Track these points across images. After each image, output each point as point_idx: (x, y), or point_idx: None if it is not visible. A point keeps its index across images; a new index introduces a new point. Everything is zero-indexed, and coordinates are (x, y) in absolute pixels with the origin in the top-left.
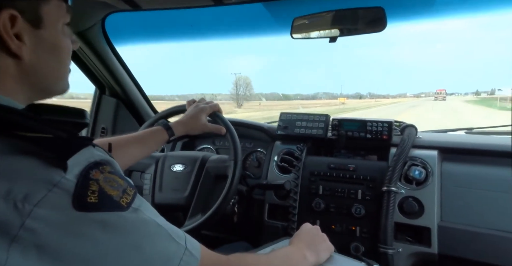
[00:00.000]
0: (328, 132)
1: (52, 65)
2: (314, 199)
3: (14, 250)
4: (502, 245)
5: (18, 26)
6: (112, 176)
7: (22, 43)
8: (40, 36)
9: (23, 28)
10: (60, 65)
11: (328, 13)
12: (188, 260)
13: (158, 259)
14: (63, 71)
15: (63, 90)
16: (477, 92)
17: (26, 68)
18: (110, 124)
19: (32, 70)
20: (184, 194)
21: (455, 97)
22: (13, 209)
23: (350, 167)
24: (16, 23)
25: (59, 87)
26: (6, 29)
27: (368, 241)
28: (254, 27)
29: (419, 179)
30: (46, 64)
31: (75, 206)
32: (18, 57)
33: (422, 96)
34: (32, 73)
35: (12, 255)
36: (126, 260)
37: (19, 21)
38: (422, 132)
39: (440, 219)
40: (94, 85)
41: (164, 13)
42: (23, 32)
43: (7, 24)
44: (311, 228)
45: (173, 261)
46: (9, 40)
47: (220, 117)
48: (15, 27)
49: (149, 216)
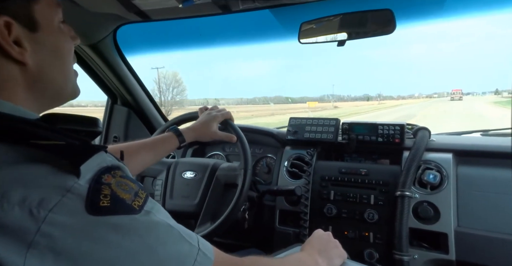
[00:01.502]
0: (338, 136)
1: (57, 67)
2: (326, 204)
3: (31, 256)
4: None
5: (15, 32)
6: (123, 180)
7: (23, 49)
8: (39, 39)
9: (21, 33)
10: (64, 65)
11: (335, 17)
12: (202, 261)
13: (173, 261)
14: (68, 71)
15: (73, 93)
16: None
17: (33, 74)
18: (122, 133)
19: (39, 75)
20: (194, 201)
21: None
22: (28, 215)
23: (362, 171)
24: (13, 29)
25: (68, 90)
26: (4, 37)
27: (382, 248)
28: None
29: (434, 183)
30: (51, 67)
31: (88, 210)
32: (22, 64)
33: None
34: (40, 78)
35: (29, 261)
36: (140, 263)
37: (14, 27)
38: (435, 135)
39: (457, 225)
40: (106, 95)
41: (173, 23)
42: (21, 38)
43: (4, 32)
44: (323, 234)
45: (187, 262)
46: (9, 48)
47: (232, 125)
48: (12, 34)
49: (161, 218)
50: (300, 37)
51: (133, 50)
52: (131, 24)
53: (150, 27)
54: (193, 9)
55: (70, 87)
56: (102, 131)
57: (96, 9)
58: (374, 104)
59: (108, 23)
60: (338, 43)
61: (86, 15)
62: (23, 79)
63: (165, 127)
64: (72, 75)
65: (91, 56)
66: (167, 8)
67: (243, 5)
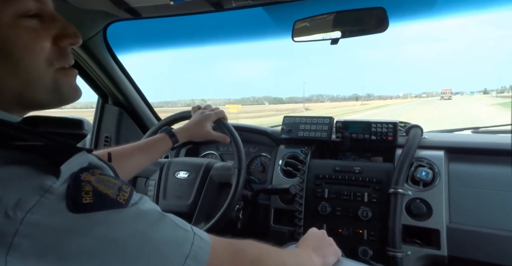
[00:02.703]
0: (332, 135)
1: (6, 71)
2: (320, 202)
3: (12, 258)
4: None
5: None
6: (104, 177)
7: None
8: None
9: None
10: (17, 69)
11: (329, 15)
12: (200, 244)
13: (169, 245)
14: (30, 75)
15: (57, 96)
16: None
17: None
18: (114, 133)
19: None
20: (188, 201)
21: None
22: (3, 217)
23: (356, 169)
24: None
25: (41, 96)
26: None
27: (376, 245)
28: (255, 31)
29: (426, 180)
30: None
31: (70, 208)
32: None
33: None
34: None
35: (11, 262)
36: (135, 251)
37: None
38: (428, 132)
39: (449, 221)
40: (97, 94)
41: (165, 20)
42: None
43: None
44: (317, 232)
45: (185, 247)
46: None
47: (225, 124)
48: None
49: (150, 207)
50: (293, 35)
51: (125, 49)
52: (122, 22)
53: (141, 25)
54: (184, 7)
55: (43, 92)
56: (89, 133)
57: (84, 6)
58: (356, 105)
59: (97, 21)
60: (332, 41)
61: (74, 12)
62: None
63: (158, 127)
64: (42, 79)
65: (81, 55)
66: (158, 5)
67: (236, 2)
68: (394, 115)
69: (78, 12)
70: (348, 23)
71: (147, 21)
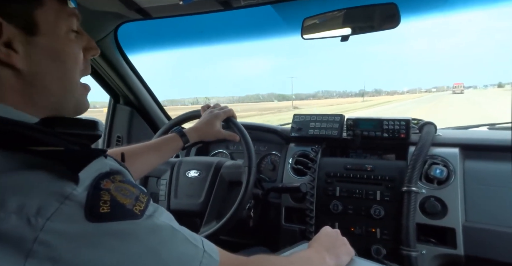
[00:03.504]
0: (343, 132)
1: (55, 75)
2: (332, 201)
3: (30, 265)
4: None
5: (7, 33)
6: (123, 185)
7: (12, 51)
8: (36, 43)
9: (14, 35)
10: (64, 75)
11: (339, 12)
12: (208, 262)
13: (178, 263)
14: (70, 83)
15: (76, 108)
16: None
17: (28, 80)
18: (125, 133)
19: (34, 80)
20: (199, 200)
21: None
22: (26, 223)
23: (368, 167)
24: (3, 30)
25: (69, 104)
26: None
27: (389, 243)
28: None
29: (441, 178)
30: (48, 74)
31: (88, 217)
32: (13, 67)
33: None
34: (35, 84)
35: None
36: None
37: (5, 27)
38: (441, 129)
39: (465, 219)
40: (109, 94)
41: (174, 20)
42: (14, 40)
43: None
44: (331, 231)
45: (193, 264)
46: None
47: (235, 122)
48: (3, 35)
49: (164, 221)
50: (303, 32)
51: (135, 49)
52: (132, 22)
53: (150, 25)
54: (194, 6)
55: (71, 101)
56: (103, 133)
57: (96, 7)
58: (357, 101)
59: (109, 22)
60: (342, 38)
61: (86, 13)
62: (17, 84)
63: (168, 127)
64: (76, 88)
65: None
66: (167, 5)
67: (245, 1)
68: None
69: (91, 14)
70: (359, 19)
71: (156, 21)
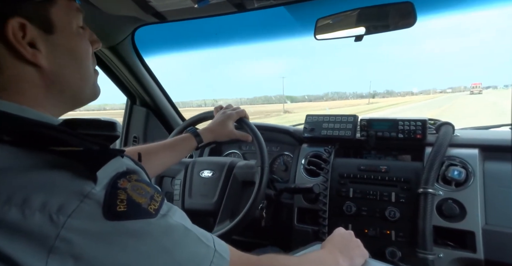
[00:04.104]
0: (356, 133)
1: (73, 69)
2: (345, 202)
3: (52, 261)
4: None
5: (30, 34)
6: (139, 184)
7: (37, 50)
8: (55, 41)
9: (36, 35)
10: (81, 67)
11: (353, 12)
12: (218, 262)
13: (189, 263)
14: (86, 74)
15: (92, 94)
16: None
17: (50, 76)
18: (141, 133)
19: (55, 76)
20: (212, 199)
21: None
22: (48, 221)
23: (382, 168)
24: (27, 30)
25: (87, 91)
26: (17, 38)
27: (405, 246)
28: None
29: (459, 180)
30: (67, 68)
31: (106, 215)
32: (37, 66)
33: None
34: (56, 79)
35: (51, 265)
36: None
37: (29, 28)
38: (460, 130)
39: (485, 222)
40: (126, 96)
41: (188, 23)
42: (36, 39)
43: (18, 33)
44: (344, 232)
45: (204, 264)
46: (22, 49)
47: (247, 123)
48: (27, 35)
49: (177, 221)
50: (316, 33)
51: (150, 51)
52: (149, 26)
53: (166, 27)
54: (208, 9)
55: (88, 89)
56: (121, 134)
57: (115, 12)
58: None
59: (126, 25)
60: (356, 38)
61: (105, 18)
62: (40, 81)
63: (182, 127)
64: (91, 77)
65: (111, 58)
66: (183, 8)
67: (258, 3)
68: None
69: (110, 18)
70: (373, 19)
71: (172, 24)
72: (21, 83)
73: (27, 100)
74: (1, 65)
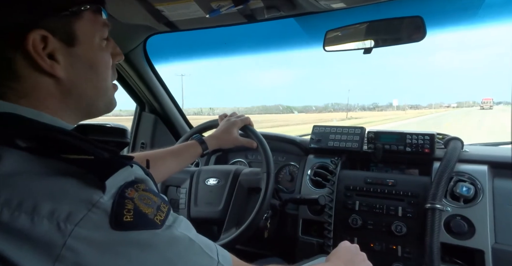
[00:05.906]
0: (363, 145)
1: (91, 81)
2: (351, 215)
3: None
4: None
5: (51, 46)
6: (146, 194)
7: (55, 62)
8: (75, 53)
9: (57, 47)
10: (99, 80)
11: (362, 25)
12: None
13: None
14: (104, 86)
15: (106, 108)
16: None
17: (67, 87)
18: (149, 139)
19: (72, 88)
20: (218, 207)
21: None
22: (56, 229)
23: (389, 182)
24: (49, 43)
25: (100, 104)
26: (36, 50)
27: (411, 262)
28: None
29: (467, 196)
30: (85, 81)
31: (112, 225)
32: (54, 76)
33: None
34: (74, 91)
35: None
36: None
37: (51, 41)
38: (469, 145)
39: (494, 241)
40: (136, 102)
41: (199, 32)
42: (56, 51)
43: (39, 45)
44: (350, 246)
45: None
46: (40, 60)
47: (252, 130)
48: (48, 47)
49: (182, 232)
50: (325, 44)
51: (160, 59)
52: (160, 34)
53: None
54: (219, 19)
55: (103, 102)
56: (130, 140)
57: (128, 20)
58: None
59: (139, 34)
60: (365, 50)
61: (119, 26)
62: (57, 91)
63: (189, 135)
64: (108, 90)
65: (123, 66)
66: (194, 18)
67: (268, 14)
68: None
69: (123, 26)
70: (382, 32)
71: (183, 33)
72: (38, 91)
73: (44, 107)
74: (20, 74)
